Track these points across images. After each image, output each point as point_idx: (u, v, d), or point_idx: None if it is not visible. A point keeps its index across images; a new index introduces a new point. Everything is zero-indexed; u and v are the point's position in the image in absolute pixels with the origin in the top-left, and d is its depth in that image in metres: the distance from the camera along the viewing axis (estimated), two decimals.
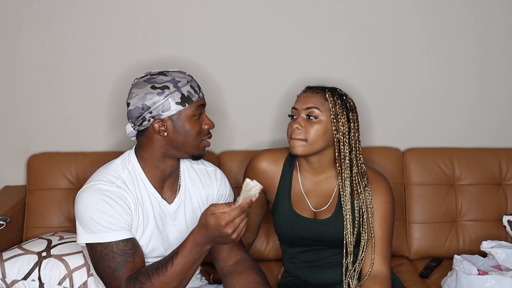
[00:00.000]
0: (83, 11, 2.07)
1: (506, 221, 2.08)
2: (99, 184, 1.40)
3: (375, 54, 2.18)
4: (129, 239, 1.38)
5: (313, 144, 1.60)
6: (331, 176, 1.70)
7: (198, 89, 1.46)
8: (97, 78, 2.12)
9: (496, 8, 2.16)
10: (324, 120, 1.60)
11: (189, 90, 1.42)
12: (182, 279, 1.35)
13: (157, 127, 1.41)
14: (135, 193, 1.44)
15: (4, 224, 1.83)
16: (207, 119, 1.48)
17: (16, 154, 2.15)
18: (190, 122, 1.42)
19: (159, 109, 1.39)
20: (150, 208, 1.46)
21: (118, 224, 1.37)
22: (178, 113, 1.41)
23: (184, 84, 1.42)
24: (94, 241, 1.36)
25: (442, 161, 2.14)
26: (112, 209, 1.37)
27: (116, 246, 1.35)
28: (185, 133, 1.43)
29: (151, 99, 1.39)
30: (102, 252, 1.35)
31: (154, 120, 1.40)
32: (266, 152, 1.79)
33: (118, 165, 1.47)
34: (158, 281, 1.32)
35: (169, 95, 1.39)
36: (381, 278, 1.61)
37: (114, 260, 1.35)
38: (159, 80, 1.41)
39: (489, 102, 2.25)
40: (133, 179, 1.45)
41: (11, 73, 2.10)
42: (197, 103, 1.44)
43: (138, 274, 1.35)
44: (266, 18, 2.12)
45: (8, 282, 1.64)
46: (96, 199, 1.36)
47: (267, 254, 2.05)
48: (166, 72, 1.45)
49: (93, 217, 1.35)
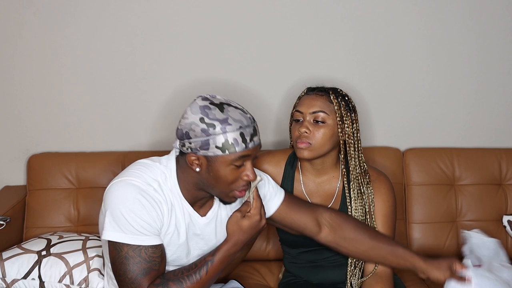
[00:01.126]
0: (83, 11, 2.07)
1: (506, 221, 2.08)
2: (135, 182, 1.32)
3: (375, 54, 2.18)
4: (158, 246, 1.33)
5: (321, 148, 1.60)
6: (334, 176, 1.70)
7: (249, 138, 1.31)
8: (97, 78, 2.12)
9: (496, 8, 2.17)
10: (330, 123, 1.60)
11: (237, 137, 1.28)
12: (208, 285, 1.37)
13: (191, 160, 1.32)
14: (170, 203, 1.37)
15: (4, 224, 1.83)
16: (249, 170, 1.33)
17: (16, 154, 2.15)
18: (225, 170, 1.31)
19: (198, 145, 1.29)
20: (182, 217, 1.40)
21: (149, 229, 1.31)
22: (215, 156, 1.29)
23: (234, 130, 1.28)
24: (123, 240, 1.29)
25: (442, 161, 2.14)
26: (146, 212, 1.30)
27: (144, 251, 1.30)
28: (217, 178, 1.32)
29: (193, 131, 1.29)
30: (128, 254, 1.29)
31: (191, 151, 1.31)
32: (267, 154, 1.79)
33: (156, 167, 1.39)
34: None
35: (212, 135, 1.27)
36: (383, 276, 1.61)
37: (140, 265, 1.29)
38: (211, 115, 1.29)
39: (489, 102, 2.25)
40: (169, 187, 1.38)
41: (11, 73, 2.10)
42: (239, 154, 1.29)
43: (167, 280, 1.31)
44: (266, 18, 2.12)
45: (8, 282, 1.64)
46: (131, 198, 1.30)
47: (267, 254, 2.05)
48: (225, 106, 1.32)
49: (126, 216, 1.28)
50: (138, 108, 2.14)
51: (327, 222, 1.59)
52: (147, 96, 2.13)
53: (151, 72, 2.13)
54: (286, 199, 1.59)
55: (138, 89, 2.13)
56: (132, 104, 2.14)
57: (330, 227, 1.58)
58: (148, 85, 2.14)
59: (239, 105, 1.36)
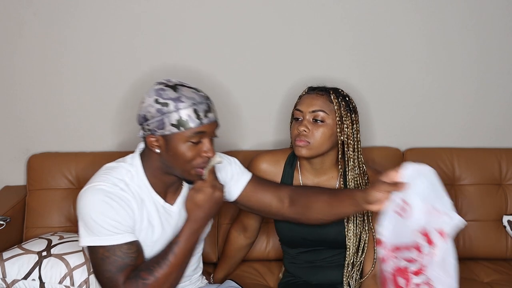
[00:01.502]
0: (83, 11, 2.07)
1: (506, 221, 2.08)
2: (101, 186, 1.36)
3: (375, 54, 2.18)
4: (133, 242, 1.36)
5: (319, 147, 1.60)
6: (333, 177, 1.70)
7: (203, 114, 1.35)
8: (97, 78, 2.12)
9: (496, 8, 2.16)
10: (330, 123, 1.60)
11: (190, 114, 1.32)
12: (183, 267, 1.38)
13: (150, 142, 1.38)
14: (140, 199, 1.41)
15: (4, 224, 1.83)
16: (206, 147, 1.37)
17: (16, 154, 2.15)
18: (183, 147, 1.35)
19: (154, 126, 1.34)
20: (154, 211, 1.44)
21: (121, 228, 1.34)
22: (171, 134, 1.34)
23: (187, 106, 1.33)
24: (96, 243, 1.33)
25: (442, 161, 2.14)
26: (115, 212, 1.34)
27: (119, 250, 1.33)
28: (176, 156, 1.36)
29: (150, 113, 1.35)
30: (104, 255, 1.32)
31: (150, 133, 1.37)
32: (266, 153, 1.80)
33: (121, 167, 1.43)
34: (161, 273, 1.33)
35: (166, 114, 1.32)
36: None
37: (116, 264, 1.32)
38: (165, 95, 1.34)
39: (489, 102, 2.25)
40: (136, 183, 1.42)
41: (11, 73, 2.10)
42: (194, 130, 1.33)
43: (139, 271, 1.33)
44: (266, 18, 2.12)
45: (9, 282, 1.64)
46: (98, 201, 1.33)
47: (267, 254, 2.05)
48: (179, 87, 1.37)
49: (96, 219, 1.32)
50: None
51: (288, 196, 1.58)
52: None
53: (151, 72, 2.13)
54: (252, 180, 1.62)
55: (138, 89, 2.13)
56: (132, 104, 2.13)
57: (291, 199, 1.58)
58: (148, 85, 2.13)
59: (192, 85, 1.41)
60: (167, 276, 1.34)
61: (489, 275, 2.00)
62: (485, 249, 2.09)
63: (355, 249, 1.64)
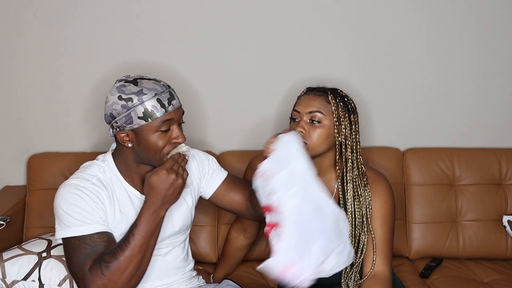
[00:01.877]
0: (83, 11, 2.07)
1: (506, 221, 2.08)
2: (72, 181, 1.42)
3: (375, 54, 2.18)
4: (103, 233, 1.39)
5: (316, 148, 1.60)
6: (332, 177, 1.70)
7: (167, 102, 1.39)
8: (97, 78, 2.12)
9: (496, 8, 2.16)
10: (327, 124, 1.60)
11: (154, 104, 1.37)
12: (145, 251, 1.38)
13: (120, 138, 1.42)
14: (111, 191, 1.45)
15: (4, 224, 1.83)
16: (176, 133, 1.42)
17: (16, 154, 2.15)
18: (153, 137, 1.39)
19: (122, 122, 1.39)
20: (129, 203, 1.47)
21: (91, 218, 1.38)
22: (140, 127, 1.38)
23: (150, 98, 1.37)
24: (68, 235, 1.37)
25: (442, 161, 2.14)
26: (85, 203, 1.38)
27: (90, 238, 1.37)
28: (148, 147, 1.41)
29: (115, 110, 1.39)
30: (75, 244, 1.36)
31: (119, 129, 1.41)
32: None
33: (94, 164, 1.49)
34: (123, 256, 1.34)
35: (131, 108, 1.37)
36: (381, 278, 1.61)
37: (85, 251, 1.35)
38: (127, 91, 1.38)
39: (489, 102, 2.25)
40: (109, 177, 1.47)
41: (11, 73, 2.10)
42: (161, 118, 1.38)
43: (102, 255, 1.36)
44: (266, 18, 2.12)
45: (8, 282, 1.64)
46: (69, 194, 1.39)
47: (267, 254, 2.04)
48: (139, 80, 1.41)
49: (66, 211, 1.37)
50: None
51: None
52: None
53: (151, 72, 2.12)
54: (227, 179, 1.68)
55: None
56: None
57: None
58: None
59: (151, 77, 1.44)
60: (129, 259, 1.35)
61: (489, 275, 2.00)
62: (485, 249, 2.09)
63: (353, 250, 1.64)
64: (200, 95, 2.13)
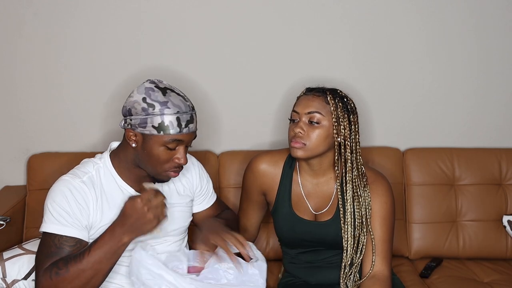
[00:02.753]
0: (83, 11, 2.07)
1: (506, 221, 2.08)
2: (66, 177, 1.44)
3: (375, 54, 2.18)
4: (73, 238, 1.38)
5: (315, 149, 1.60)
6: (331, 178, 1.70)
7: (185, 124, 1.40)
8: (97, 78, 2.12)
9: (496, 8, 2.16)
10: (326, 124, 1.59)
11: (172, 121, 1.38)
12: (97, 270, 1.34)
13: (128, 135, 1.43)
14: (100, 190, 1.45)
15: (4, 224, 1.83)
16: (180, 154, 1.43)
17: (16, 154, 2.15)
18: (158, 149, 1.40)
19: (137, 122, 1.39)
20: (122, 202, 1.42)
21: (68, 219, 1.38)
22: (150, 135, 1.39)
23: (171, 113, 1.38)
24: (43, 229, 1.39)
25: (442, 161, 2.14)
26: (67, 203, 1.39)
27: (58, 239, 1.37)
28: (149, 156, 1.41)
29: (135, 108, 1.40)
30: (45, 240, 1.38)
31: (130, 127, 1.41)
32: (265, 154, 1.79)
33: (90, 161, 1.51)
34: (74, 267, 1.33)
35: (150, 115, 1.38)
36: (381, 278, 1.61)
37: (49, 249, 1.37)
38: (153, 96, 1.39)
39: (489, 102, 2.25)
40: (102, 175, 1.47)
41: (11, 73, 2.10)
42: (173, 136, 1.39)
43: (59, 260, 1.36)
44: (266, 18, 2.12)
45: (9, 282, 1.64)
46: (57, 190, 1.41)
47: (267, 254, 2.04)
48: (168, 91, 1.41)
49: (49, 207, 1.39)
50: None
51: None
52: None
53: (151, 72, 2.13)
54: (215, 203, 1.74)
55: None
56: None
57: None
58: None
59: (181, 92, 1.45)
60: (79, 272, 1.32)
61: (489, 275, 2.00)
62: (485, 249, 2.09)
63: (353, 250, 1.64)
64: (199, 95, 2.13)
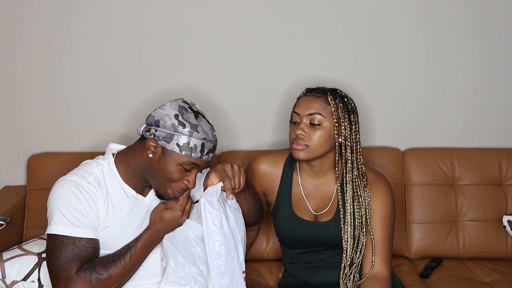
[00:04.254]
0: (83, 11, 2.07)
1: (506, 221, 2.08)
2: (71, 177, 1.45)
3: (375, 54, 2.18)
4: (92, 239, 1.42)
5: (317, 150, 1.60)
6: (332, 178, 1.70)
7: (207, 151, 1.44)
8: (97, 78, 2.12)
9: (496, 8, 2.16)
10: (327, 126, 1.59)
11: (197, 145, 1.42)
12: (133, 272, 1.46)
13: (149, 145, 1.44)
14: (105, 190, 1.47)
15: (4, 224, 1.83)
16: (192, 178, 1.46)
17: (16, 154, 2.15)
18: (174, 167, 1.43)
19: (162, 135, 1.42)
20: (125, 202, 1.49)
21: (83, 221, 1.41)
22: (172, 151, 1.42)
23: (198, 138, 1.42)
24: (58, 232, 1.39)
25: (442, 161, 2.14)
26: (80, 204, 1.41)
27: (78, 241, 1.40)
28: (163, 170, 1.44)
29: (165, 123, 1.42)
30: (63, 242, 1.39)
31: (153, 137, 1.43)
32: (265, 154, 1.79)
33: (94, 162, 1.52)
34: (116, 273, 1.40)
35: (178, 132, 1.41)
36: (380, 279, 1.61)
37: (72, 252, 1.38)
38: (186, 117, 1.43)
39: (489, 102, 2.24)
40: (106, 176, 1.48)
41: (11, 73, 2.10)
42: (192, 160, 1.43)
43: (94, 265, 1.39)
44: (266, 18, 2.12)
45: (8, 283, 1.64)
46: (66, 191, 1.41)
47: (267, 254, 2.05)
48: (200, 117, 1.45)
49: (60, 208, 1.39)
50: (139, 108, 2.14)
51: None
52: (148, 96, 2.13)
53: (152, 72, 2.13)
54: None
55: (139, 89, 2.13)
56: (133, 104, 2.13)
57: None
58: (149, 86, 2.14)
59: (210, 121, 1.50)
60: (119, 276, 1.41)
61: (489, 275, 2.00)
62: (485, 249, 2.09)
63: (352, 251, 1.64)
64: (199, 95, 2.13)
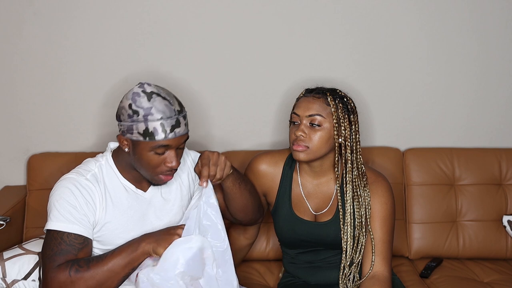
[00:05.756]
0: (83, 11, 2.07)
1: (506, 221, 2.08)
2: (70, 175, 1.47)
3: (375, 54, 2.18)
4: (81, 236, 1.42)
5: (318, 151, 1.60)
6: (331, 178, 1.70)
7: (170, 129, 1.39)
8: (97, 78, 2.12)
9: (496, 8, 2.16)
10: (327, 126, 1.59)
11: (156, 127, 1.38)
12: (115, 275, 1.41)
13: (120, 140, 1.45)
14: (104, 186, 1.48)
15: (4, 224, 1.83)
16: (170, 159, 1.43)
17: (16, 154, 2.15)
18: (147, 155, 1.42)
19: (125, 128, 1.42)
20: (125, 197, 1.50)
21: (76, 216, 1.41)
22: (137, 140, 1.40)
23: (155, 120, 1.38)
24: (51, 227, 1.41)
25: (442, 161, 2.14)
26: (75, 199, 1.42)
27: (67, 236, 1.40)
28: (140, 161, 1.44)
29: (123, 115, 1.42)
30: (53, 236, 1.41)
31: (121, 133, 1.44)
32: (265, 154, 1.79)
33: (93, 159, 1.53)
34: (94, 268, 1.38)
35: (135, 121, 1.39)
36: (380, 279, 1.61)
37: (60, 246, 1.40)
38: (138, 103, 1.39)
39: (489, 102, 2.25)
40: (104, 172, 1.50)
41: (11, 73, 2.10)
42: (158, 143, 1.39)
43: (78, 260, 1.40)
44: (266, 18, 2.12)
45: (9, 282, 1.64)
46: (62, 188, 1.43)
47: (267, 254, 2.05)
48: (154, 96, 1.40)
49: (55, 204, 1.42)
50: None
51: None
52: None
53: (152, 72, 2.13)
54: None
55: None
56: None
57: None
58: None
59: (168, 96, 1.43)
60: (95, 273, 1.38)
61: (489, 275, 2.00)
62: (485, 249, 2.09)
63: (352, 251, 1.64)
64: (199, 95, 2.13)
